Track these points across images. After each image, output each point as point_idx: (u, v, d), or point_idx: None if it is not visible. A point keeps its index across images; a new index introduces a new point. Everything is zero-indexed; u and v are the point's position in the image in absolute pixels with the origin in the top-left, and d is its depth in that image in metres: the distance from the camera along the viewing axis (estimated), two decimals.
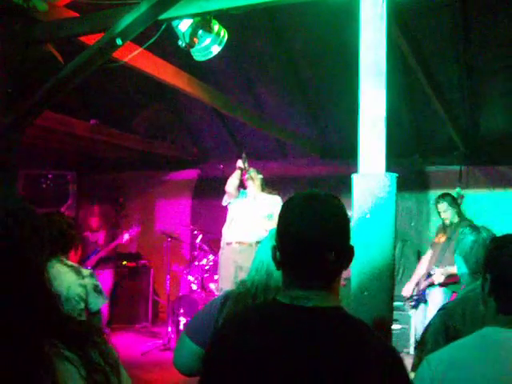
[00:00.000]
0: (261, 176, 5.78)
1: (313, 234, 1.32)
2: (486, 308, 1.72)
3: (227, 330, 1.48)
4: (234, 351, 1.38)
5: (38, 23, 3.54)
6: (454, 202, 5.61)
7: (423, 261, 5.70)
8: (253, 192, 5.69)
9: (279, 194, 5.72)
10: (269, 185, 6.00)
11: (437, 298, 5.22)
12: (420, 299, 5.47)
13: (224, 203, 5.85)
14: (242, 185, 5.79)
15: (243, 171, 5.70)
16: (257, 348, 1.34)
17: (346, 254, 1.38)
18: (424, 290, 5.44)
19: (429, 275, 5.42)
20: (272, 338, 1.34)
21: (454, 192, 6.24)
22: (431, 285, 5.36)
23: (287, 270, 1.40)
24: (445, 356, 1.64)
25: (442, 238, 5.56)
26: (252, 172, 5.70)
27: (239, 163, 5.74)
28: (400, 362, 1.33)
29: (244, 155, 5.75)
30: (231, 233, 5.60)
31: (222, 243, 5.69)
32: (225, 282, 5.35)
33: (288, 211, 1.40)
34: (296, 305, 1.35)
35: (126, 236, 6.79)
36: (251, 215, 5.52)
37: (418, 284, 5.54)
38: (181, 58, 4.52)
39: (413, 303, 5.57)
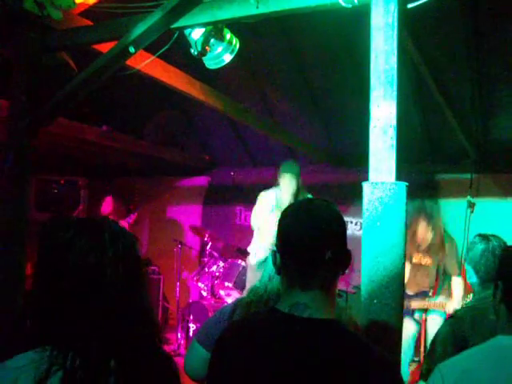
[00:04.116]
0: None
1: (312, 233, 1.39)
2: (498, 316, 1.72)
3: (227, 335, 1.51)
4: (230, 358, 1.43)
5: (52, 31, 3.60)
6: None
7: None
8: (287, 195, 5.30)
9: None
10: None
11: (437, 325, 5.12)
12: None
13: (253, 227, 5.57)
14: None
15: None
16: (250, 359, 1.38)
17: (342, 256, 1.43)
18: (413, 310, 5.38)
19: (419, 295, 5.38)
20: (265, 350, 1.37)
21: (465, 200, 6.22)
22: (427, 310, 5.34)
23: (288, 271, 1.44)
24: (457, 365, 1.63)
25: (427, 260, 5.49)
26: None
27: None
28: (400, 380, 1.35)
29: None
30: (264, 250, 5.28)
31: (251, 260, 5.44)
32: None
33: (288, 216, 1.47)
34: (293, 315, 1.38)
35: (124, 224, 7.03)
36: None
37: None
38: (193, 65, 4.54)
39: None
